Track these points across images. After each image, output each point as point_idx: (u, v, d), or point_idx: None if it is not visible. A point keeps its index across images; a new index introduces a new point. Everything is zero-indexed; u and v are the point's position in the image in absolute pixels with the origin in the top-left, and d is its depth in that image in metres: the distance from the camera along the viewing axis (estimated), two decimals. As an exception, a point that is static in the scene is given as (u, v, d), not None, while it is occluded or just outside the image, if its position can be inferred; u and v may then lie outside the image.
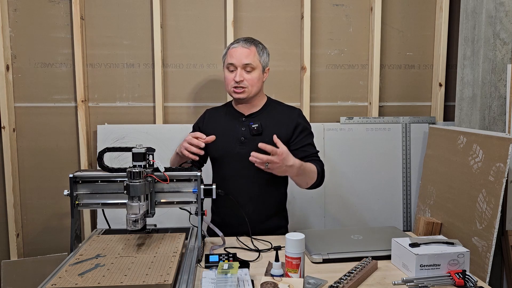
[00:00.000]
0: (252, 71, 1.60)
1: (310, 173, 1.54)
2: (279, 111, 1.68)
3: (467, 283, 1.15)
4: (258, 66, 1.62)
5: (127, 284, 1.03)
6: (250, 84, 1.60)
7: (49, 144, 2.19)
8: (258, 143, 1.57)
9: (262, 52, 1.65)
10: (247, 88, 1.60)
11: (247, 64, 1.59)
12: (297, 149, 1.62)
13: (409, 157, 2.33)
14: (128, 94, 2.22)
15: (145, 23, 2.19)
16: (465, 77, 2.05)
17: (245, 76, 1.59)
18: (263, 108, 1.68)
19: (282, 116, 1.66)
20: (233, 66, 1.60)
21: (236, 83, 1.59)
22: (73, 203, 1.32)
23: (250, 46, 1.61)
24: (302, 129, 1.64)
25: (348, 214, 2.29)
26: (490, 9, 1.88)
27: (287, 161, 1.39)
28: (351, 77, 2.35)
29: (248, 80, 1.60)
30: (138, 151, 1.26)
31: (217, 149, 1.64)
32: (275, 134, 1.58)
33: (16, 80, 2.15)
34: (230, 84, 1.61)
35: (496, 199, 1.54)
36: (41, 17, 2.13)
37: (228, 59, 1.62)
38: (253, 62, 1.60)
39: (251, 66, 1.59)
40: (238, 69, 1.59)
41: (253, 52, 1.61)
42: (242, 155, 1.59)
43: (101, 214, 1.53)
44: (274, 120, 1.64)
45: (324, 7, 2.29)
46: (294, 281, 1.10)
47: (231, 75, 1.61)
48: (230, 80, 1.61)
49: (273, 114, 1.66)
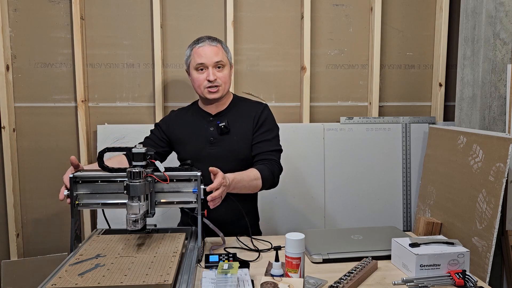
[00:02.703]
0: (223, 68, 1.59)
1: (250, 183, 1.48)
2: (245, 107, 1.65)
3: (467, 283, 1.15)
4: (227, 63, 1.61)
5: (127, 284, 1.03)
6: (223, 81, 1.59)
7: (49, 144, 2.19)
8: (227, 142, 1.57)
9: (227, 49, 1.64)
10: (220, 87, 1.58)
11: (217, 62, 1.57)
12: (254, 145, 1.60)
13: (409, 157, 2.33)
14: (128, 94, 2.22)
15: (145, 23, 2.19)
16: (465, 77, 2.05)
17: (217, 75, 1.57)
18: (230, 106, 1.66)
19: (247, 112, 1.63)
20: (203, 66, 1.57)
21: (209, 82, 1.56)
22: (73, 203, 1.32)
23: (217, 43, 1.60)
24: (261, 124, 1.61)
25: (348, 214, 2.29)
26: (490, 9, 1.88)
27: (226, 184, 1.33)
28: (351, 77, 2.35)
29: (221, 78, 1.58)
30: (138, 151, 1.26)
31: (187, 151, 1.63)
32: (241, 131, 1.59)
33: (16, 80, 2.15)
34: (202, 84, 1.58)
35: (496, 199, 1.54)
36: (41, 17, 2.13)
37: (196, 59, 1.57)
38: (223, 59, 1.59)
39: (221, 64, 1.58)
40: (209, 68, 1.56)
41: (221, 49, 1.60)
42: (213, 155, 1.59)
43: (101, 214, 1.53)
44: (240, 117, 1.62)
45: (324, 7, 2.29)
46: (294, 281, 1.10)
47: (202, 75, 1.57)
48: (202, 80, 1.57)
49: (240, 111, 1.64)
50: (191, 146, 1.63)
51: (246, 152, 1.61)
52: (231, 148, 1.59)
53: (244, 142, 1.60)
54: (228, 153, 1.59)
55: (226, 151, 1.59)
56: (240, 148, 1.59)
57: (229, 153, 1.59)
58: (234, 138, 1.59)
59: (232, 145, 1.59)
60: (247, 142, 1.61)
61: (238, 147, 1.59)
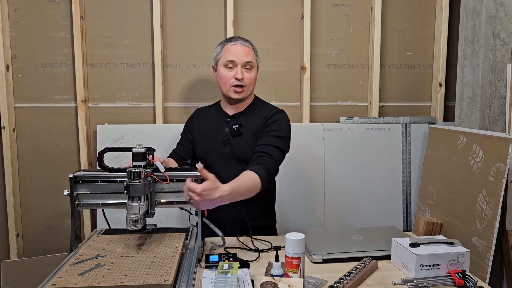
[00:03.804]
0: (251, 69, 1.60)
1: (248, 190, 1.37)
2: (261, 110, 1.64)
3: (467, 283, 1.15)
4: (255, 65, 1.62)
5: (127, 284, 1.03)
6: (249, 83, 1.59)
7: (49, 144, 2.19)
8: (237, 143, 1.57)
9: (257, 52, 1.65)
10: (246, 87, 1.58)
11: (247, 62, 1.57)
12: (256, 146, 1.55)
13: (409, 157, 2.33)
14: (128, 94, 2.22)
15: (145, 23, 2.19)
16: (465, 77, 2.05)
17: (245, 75, 1.58)
18: (247, 108, 1.65)
19: (261, 116, 1.61)
20: (233, 64, 1.57)
21: (237, 80, 1.56)
22: (73, 203, 1.32)
23: (249, 44, 1.62)
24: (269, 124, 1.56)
25: (348, 214, 2.29)
26: (490, 9, 1.88)
27: (211, 196, 1.23)
28: (351, 77, 2.35)
29: (247, 79, 1.58)
30: (138, 151, 1.26)
31: (202, 149, 1.66)
32: (252, 133, 1.59)
33: (16, 80, 2.15)
34: (229, 82, 1.57)
35: (496, 199, 1.54)
36: (41, 17, 2.13)
37: (227, 56, 1.57)
38: (253, 60, 1.59)
39: (250, 65, 1.59)
40: (238, 67, 1.56)
41: (252, 51, 1.61)
42: (225, 155, 1.59)
43: (101, 214, 1.53)
44: (254, 120, 1.61)
45: (324, 7, 2.29)
46: (294, 281, 1.10)
47: (230, 72, 1.57)
48: (230, 77, 1.57)
49: (255, 113, 1.63)
50: (206, 144, 1.64)
51: None
52: (240, 150, 1.59)
53: (253, 144, 1.59)
54: (238, 154, 1.59)
55: (236, 153, 1.59)
56: (249, 150, 1.58)
57: (239, 154, 1.59)
58: (244, 140, 1.59)
59: (241, 147, 1.59)
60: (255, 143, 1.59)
61: (247, 149, 1.58)
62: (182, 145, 1.72)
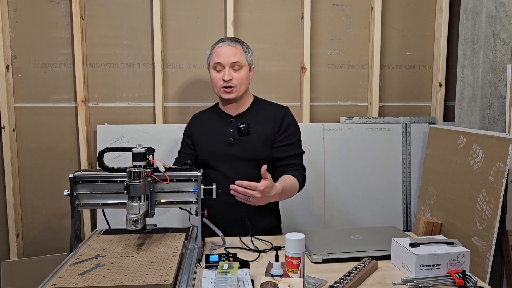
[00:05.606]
0: (240, 69, 1.60)
1: (292, 190, 1.53)
2: (266, 109, 1.67)
3: (467, 283, 1.15)
4: (245, 64, 1.62)
5: (127, 284, 1.03)
6: (239, 83, 1.60)
7: (49, 144, 2.19)
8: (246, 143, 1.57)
9: (248, 50, 1.65)
10: (235, 87, 1.59)
11: (235, 63, 1.58)
12: (278, 147, 1.62)
13: (409, 157, 2.33)
14: (128, 94, 2.22)
15: (145, 23, 2.19)
16: (465, 77, 2.05)
17: (233, 75, 1.59)
18: (250, 107, 1.67)
19: (268, 115, 1.65)
20: (221, 66, 1.59)
21: (225, 82, 1.58)
22: (73, 203, 1.32)
23: (236, 44, 1.61)
24: (286, 128, 1.64)
25: (348, 214, 2.29)
26: (490, 9, 1.88)
27: (269, 194, 1.38)
28: (351, 77, 2.35)
29: (236, 79, 1.59)
30: (138, 151, 1.26)
31: (205, 152, 1.65)
32: (262, 133, 1.60)
33: (16, 80, 2.15)
34: (218, 84, 1.60)
35: (496, 199, 1.54)
36: (41, 17, 2.13)
37: (215, 58, 1.60)
38: (241, 60, 1.60)
39: (238, 65, 1.59)
40: (226, 68, 1.58)
41: (240, 50, 1.61)
42: (230, 156, 1.60)
43: (101, 214, 1.53)
44: (261, 119, 1.64)
45: (324, 7, 2.29)
46: (294, 281, 1.10)
47: (218, 74, 1.60)
48: (218, 79, 1.60)
49: (260, 113, 1.66)
50: (209, 147, 1.64)
51: (265, 153, 1.62)
52: (251, 149, 1.60)
53: (265, 144, 1.61)
54: (248, 154, 1.60)
55: (246, 152, 1.60)
56: (261, 149, 1.60)
57: (249, 154, 1.60)
58: (254, 139, 1.60)
59: (252, 146, 1.60)
60: (267, 143, 1.62)
61: (258, 149, 1.60)
62: (184, 153, 1.73)
